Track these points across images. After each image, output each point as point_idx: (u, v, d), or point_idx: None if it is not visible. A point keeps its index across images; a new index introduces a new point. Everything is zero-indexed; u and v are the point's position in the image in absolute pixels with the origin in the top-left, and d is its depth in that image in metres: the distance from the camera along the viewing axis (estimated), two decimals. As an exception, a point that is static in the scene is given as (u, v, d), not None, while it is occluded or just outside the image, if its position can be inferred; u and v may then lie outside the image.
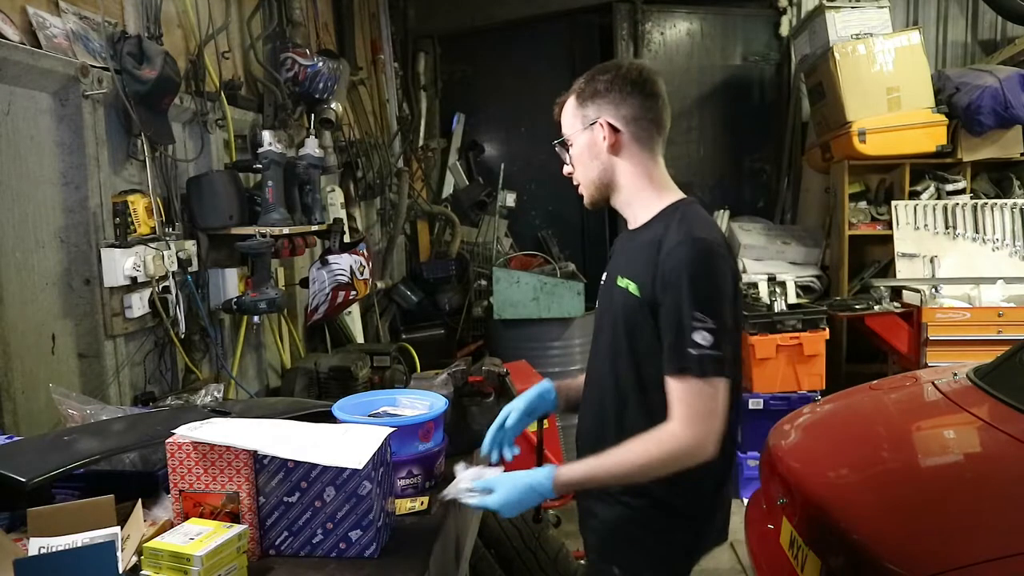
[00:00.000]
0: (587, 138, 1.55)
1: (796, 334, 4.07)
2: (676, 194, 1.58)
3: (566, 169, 1.64)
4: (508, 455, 1.62)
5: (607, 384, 1.57)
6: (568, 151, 1.60)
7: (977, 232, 4.59)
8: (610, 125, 1.52)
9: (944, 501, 1.95)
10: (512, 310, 4.47)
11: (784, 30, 5.65)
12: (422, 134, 5.60)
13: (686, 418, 1.38)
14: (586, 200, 1.62)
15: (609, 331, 1.57)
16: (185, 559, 1.20)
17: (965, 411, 2.37)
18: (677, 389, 1.40)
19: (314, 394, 2.96)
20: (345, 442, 1.40)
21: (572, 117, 1.58)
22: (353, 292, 3.31)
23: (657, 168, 1.58)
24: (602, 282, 1.71)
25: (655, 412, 1.44)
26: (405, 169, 5.11)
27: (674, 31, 5.75)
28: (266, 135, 2.84)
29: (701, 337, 1.36)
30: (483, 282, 5.29)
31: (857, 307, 4.30)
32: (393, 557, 1.39)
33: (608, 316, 1.59)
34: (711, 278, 1.40)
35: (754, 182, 5.89)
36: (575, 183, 1.63)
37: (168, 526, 1.35)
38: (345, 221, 3.80)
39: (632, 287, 1.49)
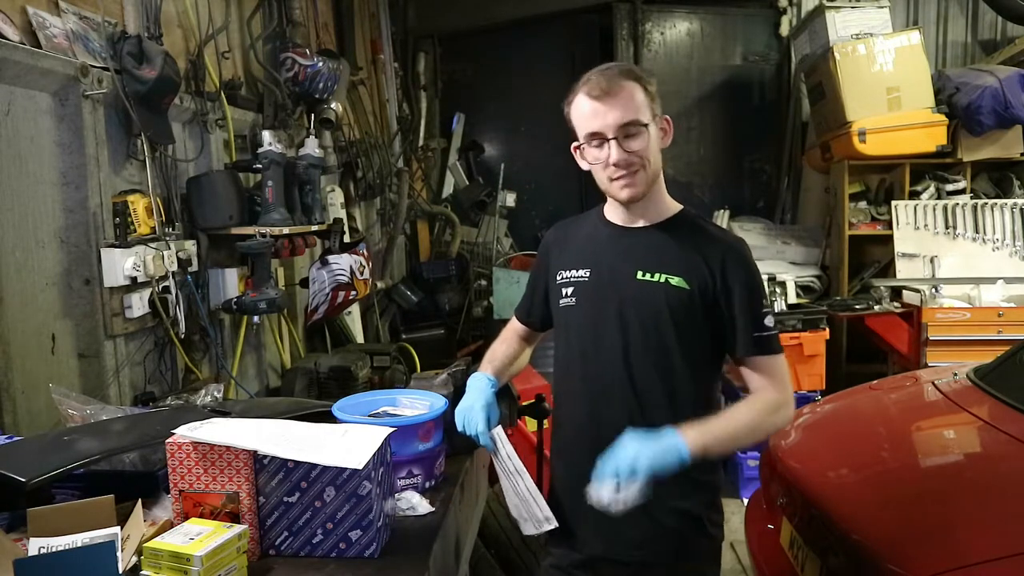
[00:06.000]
0: (655, 131, 1.52)
1: (796, 334, 4.07)
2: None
3: (624, 156, 1.48)
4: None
5: (626, 383, 1.55)
6: (640, 136, 1.48)
7: (977, 232, 4.59)
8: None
9: (944, 501, 1.95)
10: (512, 310, 4.46)
11: (784, 30, 5.65)
12: (422, 134, 5.60)
13: (780, 386, 1.59)
14: (637, 193, 1.52)
15: (638, 325, 1.54)
16: (185, 559, 1.20)
17: (965, 411, 2.37)
18: (764, 365, 1.58)
19: (314, 394, 2.96)
20: (345, 442, 1.40)
21: (645, 107, 1.49)
22: (353, 292, 3.31)
23: None
24: (583, 277, 1.62)
25: (683, 403, 1.54)
26: (405, 169, 5.11)
27: (674, 31, 5.75)
28: (266, 135, 2.84)
29: (771, 320, 1.57)
30: (483, 282, 5.29)
31: (857, 307, 4.30)
32: (393, 557, 1.38)
33: (627, 310, 1.55)
34: (759, 272, 1.61)
35: (754, 182, 5.90)
36: (630, 170, 1.49)
37: (168, 526, 1.35)
38: (345, 221, 3.80)
39: (675, 280, 1.54)
